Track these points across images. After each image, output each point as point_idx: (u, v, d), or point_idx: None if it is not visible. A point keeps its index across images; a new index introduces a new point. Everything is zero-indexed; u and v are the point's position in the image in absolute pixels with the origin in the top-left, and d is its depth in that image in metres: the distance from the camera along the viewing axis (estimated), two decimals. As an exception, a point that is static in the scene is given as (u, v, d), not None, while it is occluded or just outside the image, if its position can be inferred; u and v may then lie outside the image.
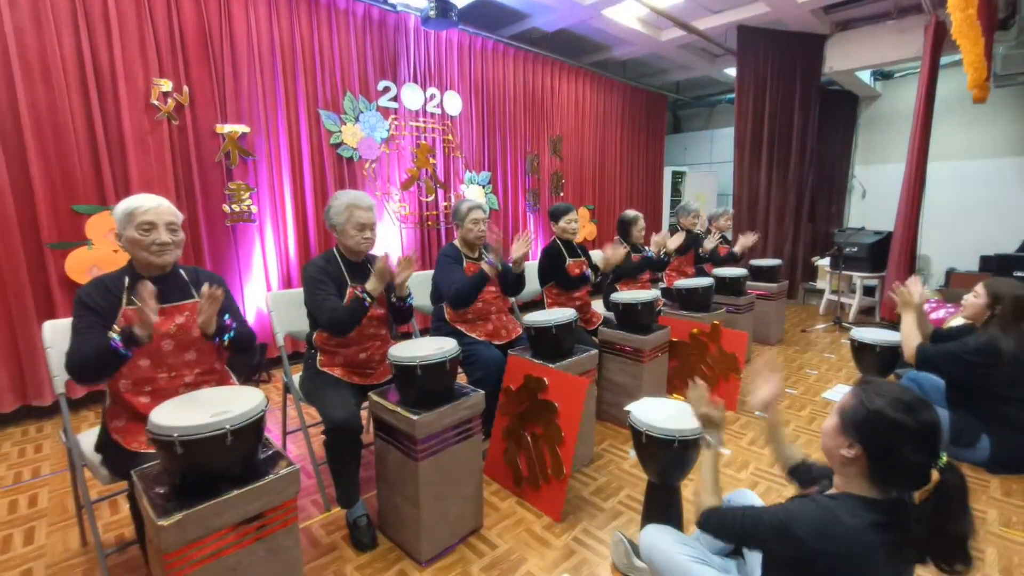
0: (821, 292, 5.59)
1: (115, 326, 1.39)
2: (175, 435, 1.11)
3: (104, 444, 1.47)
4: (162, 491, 1.18)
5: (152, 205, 1.47)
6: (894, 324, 2.52)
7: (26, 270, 2.66)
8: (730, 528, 1.16)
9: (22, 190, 2.62)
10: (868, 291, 5.27)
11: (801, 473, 1.36)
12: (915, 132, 4.26)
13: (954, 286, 4.59)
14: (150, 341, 1.38)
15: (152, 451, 1.31)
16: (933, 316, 3.98)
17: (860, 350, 2.64)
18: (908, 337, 2.33)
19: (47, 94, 2.64)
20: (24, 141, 2.59)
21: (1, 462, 2.39)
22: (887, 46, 4.78)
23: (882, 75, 5.99)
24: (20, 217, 2.62)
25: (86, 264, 2.78)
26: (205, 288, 1.46)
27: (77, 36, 2.70)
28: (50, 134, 2.67)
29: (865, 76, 5.77)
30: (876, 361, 2.59)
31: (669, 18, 4.54)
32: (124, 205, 1.47)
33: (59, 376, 1.61)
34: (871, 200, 6.28)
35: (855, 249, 4.98)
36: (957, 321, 3.68)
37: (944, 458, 0.97)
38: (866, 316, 5.19)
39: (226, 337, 1.56)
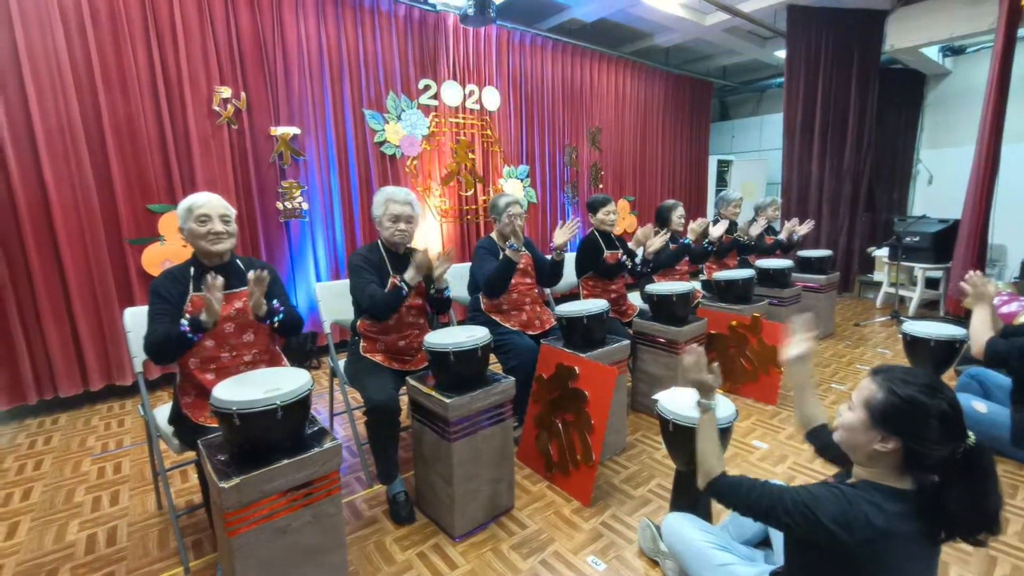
0: (879, 285, 5.28)
1: (185, 314, 1.56)
2: (234, 408, 1.25)
3: (176, 417, 1.66)
4: (223, 458, 1.32)
5: (206, 200, 1.64)
6: (959, 319, 2.36)
7: (109, 263, 2.96)
8: (744, 497, 1.11)
9: (105, 190, 2.92)
10: (931, 283, 4.93)
11: (821, 437, 1.32)
12: (987, 111, 3.94)
13: (1031, 278, 4.23)
14: (214, 327, 1.56)
15: (216, 425, 1.47)
16: (1005, 309, 3.69)
17: (913, 344, 2.50)
18: (978, 331, 2.12)
19: (124, 103, 2.92)
20: (106, 146, 2.88)
21: (91, 434, 2.69)
22: (956, 19, 4.43)
23: (952, 51, 5.55)
24: (104, 214, 2.93)
25: (159, 258, 3.06)
26: (251, 273, 1.59)
27: (149, 50, 2.96)
28: (128, 140, 2.96)
29: (932, 53, 5.36)
30: (931, 356, 2.45)
31: (712, 2, 4.40)
32: (184, 202, 1.64)
33: (138, 357, 1.82)
34: (939, 186, 5.85)
35: (916, 239, 4.67)
36: (1030, 316, 3.41)
37: (972, 436, 0.96)
38: (928, 310, 4.86)
39: (276, 319, 1.71)
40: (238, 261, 1.76)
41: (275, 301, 1.71)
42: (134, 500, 2.09)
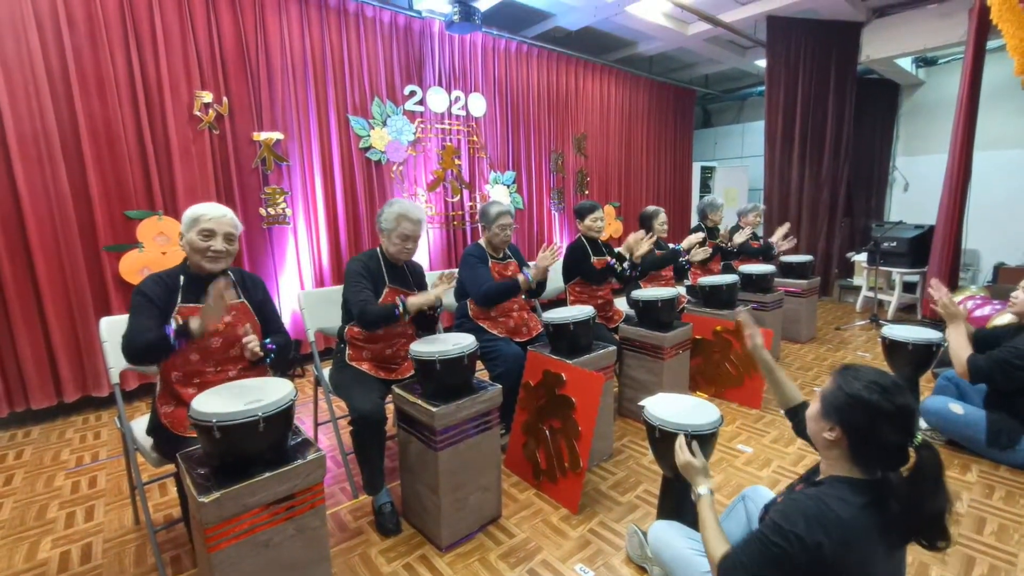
0: (858, 289, 5.39)
1: (173, 318, 1.50)
2: (213, 420, 1.22)
3: (154, 427, 1.61)
4: (203, 472, 1.29)
5: (216, 215, 1.59)
6: (935, 323, 2.43)
7: (85, 271, 2.89)
8: (757, 567, 1.06)
9: (81, 196, 2.85)
10: (908, 287, 5.06)
11: (798, 415, 1.40)
12: (958, 121, 4.07)
13: (1003, 281, 4.37)
14: (200, 338, 1.49)
15: (196, 437, 1.43)
16: (978, 313, 3.80)
17: (892, 348, 2.55)
18: (959, 349, 2.20)
19: (102, 108, 2.86)
20: (83, 151, 2.81)
21: (65, 447, 2.61)
22: (928, 32, 4.58)
23: (925, 62, 5.72)
24: (80, 222, 2.85)
25: (138, 266, 3.00)
26: (242, 331, 1.59)
27: (128, 53, 2.91)
28: (105, 145, 2.89)
29: (906, 63, 5.52)
30: (909, 359, 2.50)
31: (695, 12, 4.48)
32: (192, 210, 1.59)
33: (115, 368, 1.77)
34: (914, 193, 6.01)
35: (893, 244, 4.78)
36: (1003, 319, 3.51)
37: (919, 437, 1.00)
38: (906, 314, 4.98)
39: (267, 360, 1.67)
40: (229, 273, 1.70)
41: (267, 340, 1.67)
42: (110, 515, 2.02)
